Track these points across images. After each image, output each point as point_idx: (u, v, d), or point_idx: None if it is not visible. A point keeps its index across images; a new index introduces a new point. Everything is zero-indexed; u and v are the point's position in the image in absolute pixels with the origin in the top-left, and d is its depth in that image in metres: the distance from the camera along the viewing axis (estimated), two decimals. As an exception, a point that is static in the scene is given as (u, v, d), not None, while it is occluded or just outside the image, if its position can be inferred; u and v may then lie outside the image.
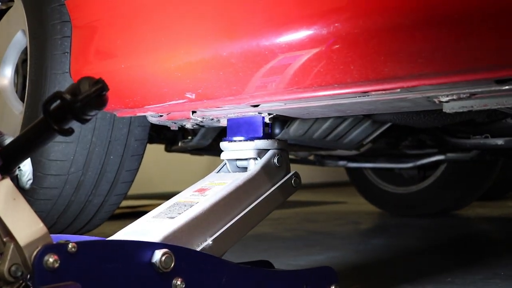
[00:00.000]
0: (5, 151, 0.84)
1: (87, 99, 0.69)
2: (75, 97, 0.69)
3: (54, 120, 0.71)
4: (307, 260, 1.63)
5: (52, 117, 0.71)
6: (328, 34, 0.85)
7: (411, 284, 1.27)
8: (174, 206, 0.99)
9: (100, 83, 0.70)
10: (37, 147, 0.79)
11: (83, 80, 0.70)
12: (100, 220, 1.72)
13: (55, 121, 0.71)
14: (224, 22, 1.00)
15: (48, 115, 0.71)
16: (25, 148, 0.80)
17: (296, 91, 0.96)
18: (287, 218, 2.84)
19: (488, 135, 1.61)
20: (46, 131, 0.74)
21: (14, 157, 0.83)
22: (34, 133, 0.76)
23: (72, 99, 0.69)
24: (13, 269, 0.70)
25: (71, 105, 0.69)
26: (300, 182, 1.10)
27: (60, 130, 0.71)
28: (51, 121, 0.71)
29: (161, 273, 0.80)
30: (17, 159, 0.84)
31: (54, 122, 0.71)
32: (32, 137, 0.77)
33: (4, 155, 0.84)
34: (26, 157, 0.86)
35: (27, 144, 0.79)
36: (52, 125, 0.71)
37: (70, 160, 1.49)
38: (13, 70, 1.70)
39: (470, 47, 0.78)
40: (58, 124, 0.71)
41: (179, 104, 1.16)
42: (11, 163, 0.85)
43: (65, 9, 1.40)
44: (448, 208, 2.84)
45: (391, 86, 0.87)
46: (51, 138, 0.76)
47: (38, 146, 0.79)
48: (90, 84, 0.70)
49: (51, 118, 0.71)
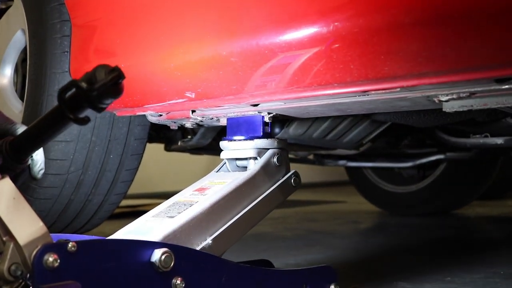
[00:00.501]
0: (17, 141, 0.84)
1: (103, 88, 0.68)
2: (92, 86, 0.68)
3: (70, 109, 0.70)
4: (307, 259, 1.63)
5: (67, 105, 0.70)
6: (328, 33, 0.85)
7: (410, 283, 1.27)
8: (174, 206, 0.99)
9: (116, 71, 0.69)
10: (51, 136, 0.78)
11: (99, 68, 0.68)
12: (99, 219, 1.72)
13: (71, 110, 0.70)
14: (224, 21, 1.00)
15: (63, 103, 0.70)
16: (38, 138, 0.79)
17: (296, 90, 0.96)
18: (287, 217, 2.84)
19: (488, 135, 1.61)
20: (60, 120, 0.73)
21: (26, 146, 0.82)
22: (48, 122, 0.75)
23: (88, 87, 0.68)
24: (12, 268, 0.70)
25: (87, 94, 0.68)
26: (300, 182, 1.10)
27: (76, 119, 0.70)
28: (66, 109, 0.70)
29: (160, 272, 0.80)
30: (30, 148, 0.84)
31: (69, 111, 0.70)
32: (46, 126, 0.76)
33: (17, 144, 0.83)
34: (39, 147, 0.85)
35: (41, 133, 0.78)
36: (68, 113, 0.70)
37: (70, 159, 1.49)
38: (12, 69, 1.70)
39: (470, 46, 0.78)
40: (73, 113, 0.70)
41: (178, 103, 1.16)
42: (24, 153, 0.84)
43: (65, 8, 1.40)
44: (448, 208, 2.84)
45: (391, 86, 0.87)
46: (65, 127, 0.75)
47: (51, 136, 0.78)
48: (106, 72, 0.68)
49: (66, 106, 0.70)
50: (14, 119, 1.60)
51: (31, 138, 0.80)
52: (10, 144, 0.84)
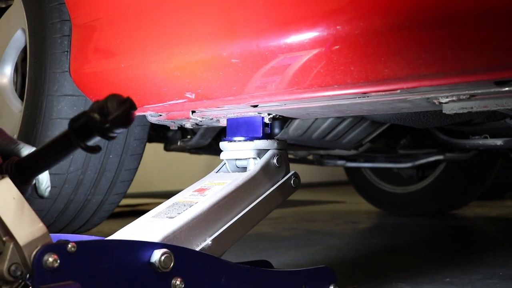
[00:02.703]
0: (23, 162, 0.84)
1: (116, 120, 0.68)
2: (105, 118, 0.68)
3: (80, 137, 0.70)
4: (306, 259, 1.63)
5: (77, 134, 0.70)
6: (328, 35, 0.85)
7: (409, 284, 1.28)
8: (174, 206, 0.99)
9: (128, 102, 0.69)
10: (57, 161, 0.79)
11: (111, 99, 0.68)
12: (99, 219, 1.72)
13: (81, 138, 0.70)
14: (225, 22, 1.00)
15: (73, 132, 0.70)
16: (44, 161, 0.80)
17: (296, 92, 0.96)
18: (286, 217, 2.84)
19: (487, 136, 1.61)
20: (68, 147, 0.73)
21: (32, 169, 0.83)
22: (56, 147, 0.76)
23: (102, 120, 0.68)
24: (12, 269, 0.70)
25: (100, 125, 0.68)
26: (300, 182, 1.10)
27: (87, 148, 0.71)
28: (76, 138, 0.70)
29: (160, 273, 0.80)
30: (36, 171, 0.84)
31: (79, 139, 0.70)
32: (54, 151, 0.76)
33: (23, 166, 0.83)
34: (44, 170, 0.86)
35: (47, 157, 0.78)
36: (78, 142, 0.70)
37: (69, 159, 1.49)
38: (12, 68, 1.70)
39: (470, 49, 0.78)
40: (83, 141, 0.70)
41: (178, 104, 1.16)
42: (29, 175, 0.85)
43: (65, 8, 1.40)
44: (447, 208, 2.84)
45: (391, 87, 0.87)
46: (72, 153, 0.75)
47: (58, 160, 0.79)
48: (118, 103, 0.68)
49: (76, 135, 0.70)
50: (14, 118, 1.60)
51: (37, 161, 0.81)
52: (16, 165, 0.84)
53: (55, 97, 1.44)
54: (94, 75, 1.28)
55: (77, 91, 1.42)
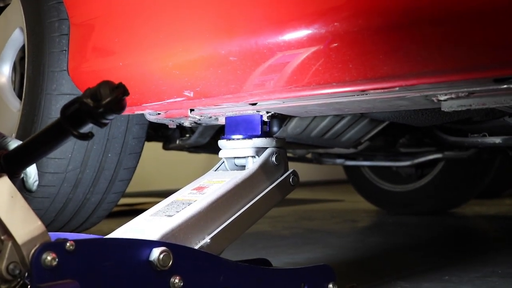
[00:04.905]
0: (12, 154, 0.83)
1: (109, 105, 0.68)
2: (98, 103, 0.68)
3: (72, 125, 0.70)
4: (305, 258, 1.63)
5: (69, 121, 0.70)
6: (327, 33, 0.85)
7: (408, 282, 1.28)
8: (172, 204, 0.99)
9: (120, 88, 0.69)
10: (48, 151, 0.78)
11: (103, 85, 0.68)
12: (98, 218, 1.72)
13: (73, 126, 0.70)
14: (223, 19, 1.00)
15: (65, 118, 0.70)
16: (35, 152, 0.79)
17: (294, 90, 0.96)
18: (285, 216, 2.84)
19: (486, 134, 1.61)
20: (60, 135, 0.73)
21: (21, 160, 0.82)
22: (47, 136, 0.75)
23: (95, 105, 0.68)
24: (11, 267, 0.70)
25: (92, 111, 0.68)
26: (298, 181, 1.10)
27: (80, 135, 0.70)
28: (69, 125, 0.70)
29: (159, 271, 0.80)
30: (25, 162, 0.83)
31: (72, 127, 0.70)
32: (45, 140, 0.76)
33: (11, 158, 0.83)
34: (34, 161, 0.85)
35: (38, 147, 0.78)
36: (71, 129, 0.70)
37: (68, 158, 1.49)
38: (10, 67, 1.70)
39: (469, 46, 0.78)
40: (76, 129, 0.70)
41: (177, 102, 1.16)
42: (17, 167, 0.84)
43: (63, 7, 1.40)
44: (446, 206, 2.84)
45: (389, 85, 0.87)
46: (64, 142, 0.75)
47: (48, 150, 0.78)
48: (110, 88, 0.68)
49: (68, 122, 0.70)
50: (12, 117, 1.60)
51: (27, 152, 0.80)
52: (4, 157, 0.84)
53: (54, 96, 1.44)
54: (93, 73, 1.28)
55: (75, 90, 1.42)
